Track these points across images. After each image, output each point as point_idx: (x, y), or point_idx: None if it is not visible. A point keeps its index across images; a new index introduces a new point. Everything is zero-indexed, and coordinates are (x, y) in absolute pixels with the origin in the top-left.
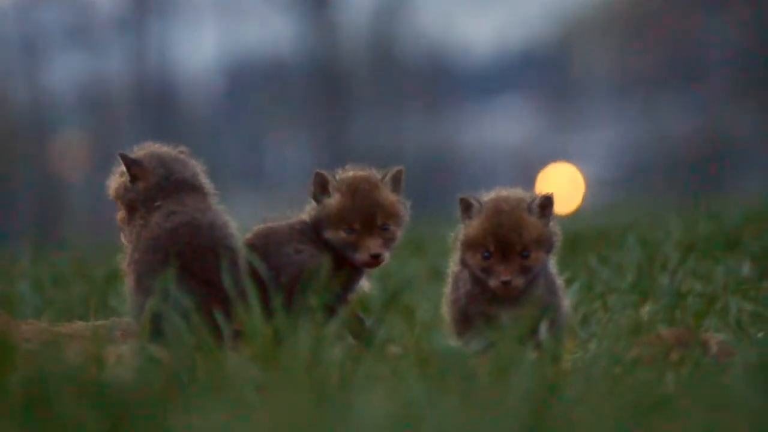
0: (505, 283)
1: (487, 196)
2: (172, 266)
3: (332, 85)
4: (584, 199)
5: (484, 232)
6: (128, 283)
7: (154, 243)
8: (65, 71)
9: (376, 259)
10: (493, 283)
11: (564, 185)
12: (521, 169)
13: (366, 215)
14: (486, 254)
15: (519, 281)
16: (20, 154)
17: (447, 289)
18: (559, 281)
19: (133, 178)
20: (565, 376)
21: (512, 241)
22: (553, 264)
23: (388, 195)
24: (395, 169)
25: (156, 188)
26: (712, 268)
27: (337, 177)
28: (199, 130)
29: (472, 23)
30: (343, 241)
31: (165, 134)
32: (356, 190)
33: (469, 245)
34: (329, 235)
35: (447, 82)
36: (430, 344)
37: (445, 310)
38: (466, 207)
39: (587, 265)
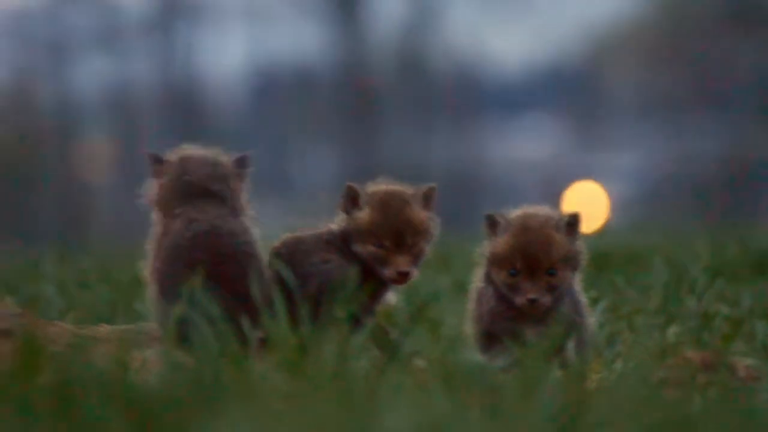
0: (532, 301)
1: (514, 213)
2: (196, 274)
3: (360, 96)
4: (609, 218)
5: (511, 249)
6: (150, 292)
7: (175, 252)
8: (92, 74)
9: (404, 277)
10: (519, 300)
11: (589, 204)
12: (547, 186)
13: (396, 232)
14: (512, 271)
15: (545, 299)
16: (46, 156)
17: (470, 305)
18: (584, 299)
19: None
20: (590, 395)
21: (539, 258)
22: (577, 282)
23: (419, 212)
24: (427, 186)
25: (174, 192)
26: (739, 291)
27: (368, 190)
28: (225, 136)
29: (501, 39)
30: (373, 255)
31: (190, 139)
32: (388, 206)
33: (496, 262)
34: (358, 248)
35: (475, 97)
36: (456, 358)
37: (468, 326)
38: (492, 224)
39: (613, 285)
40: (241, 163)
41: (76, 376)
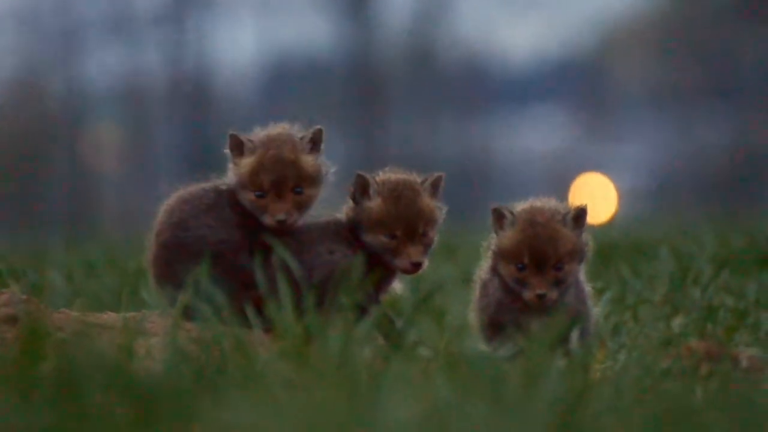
0: (540, 297)
1: (520, 206)
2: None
3: (369, 86)
4: (617, 210)
5: (518, 243)
6: None
7: None
8: (103, 64)
9: (417, 267)
10: (527, 295)
11: (596, 195)
12: (554, 177)
13: (409, 223)
14: (520, 266)
15: (553, 294)
16: (55, 145)
17: (475, 296)
18: (588, 288)
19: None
20: (594, 384)
21: (547, 254)
22: (582, 272)
23: (428, 202)
24: (435, 175)
25: None
26: (744, 283)
27: (378, 179)
28: (235, 127)
29: (510, 30)
30: (384, 246)
31: (200, 130)
32: (399, 197)
33: (503, 256)
34: (369, 238)
35: (483, 88)
36: (460, 348)
37: (473, 317)
38: (499, 217)
39: (619, 276)
40: None
41: (80, 363)
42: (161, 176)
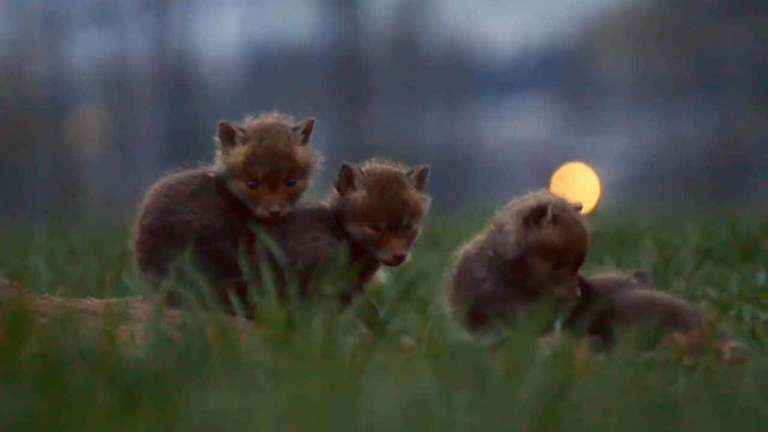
0: (566, 299)
1: (545, 197)
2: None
3: (353, 76)
4: (599, 200)
5: (564, 246)
6: None
7: None
8: (86, 49)
9: (399, 260)
10: (562, 293)
11: (579, 186)
12: (537, 167)
13: (393, 215)
14: (556, 263)
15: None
16: (38, 130)
17: (453, 287)
18: None
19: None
20: (577, 375)
21: (583, 259)
22: None
23: (413, 194)
24: (421, 167)
25: None
26: (727, 275)
27: (364, 170)
28: (218, 114)
29: (495, 21)
30: (368, 237)
31: (183, 117)
32: (384, 189)
33: (542, 254)
34: (353, 229)
35: (467, 78)
36: (443, 337)
37: (450, 308)
38: (540, 215)
39: (602, 266)
40: None
41: (63, 348)
42: (145, 162)
